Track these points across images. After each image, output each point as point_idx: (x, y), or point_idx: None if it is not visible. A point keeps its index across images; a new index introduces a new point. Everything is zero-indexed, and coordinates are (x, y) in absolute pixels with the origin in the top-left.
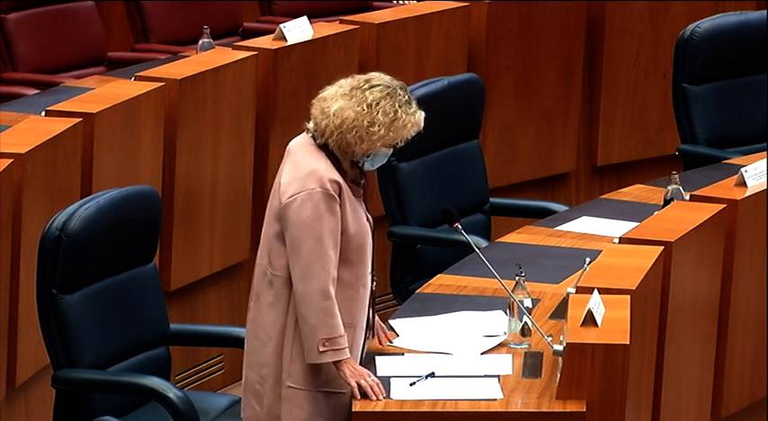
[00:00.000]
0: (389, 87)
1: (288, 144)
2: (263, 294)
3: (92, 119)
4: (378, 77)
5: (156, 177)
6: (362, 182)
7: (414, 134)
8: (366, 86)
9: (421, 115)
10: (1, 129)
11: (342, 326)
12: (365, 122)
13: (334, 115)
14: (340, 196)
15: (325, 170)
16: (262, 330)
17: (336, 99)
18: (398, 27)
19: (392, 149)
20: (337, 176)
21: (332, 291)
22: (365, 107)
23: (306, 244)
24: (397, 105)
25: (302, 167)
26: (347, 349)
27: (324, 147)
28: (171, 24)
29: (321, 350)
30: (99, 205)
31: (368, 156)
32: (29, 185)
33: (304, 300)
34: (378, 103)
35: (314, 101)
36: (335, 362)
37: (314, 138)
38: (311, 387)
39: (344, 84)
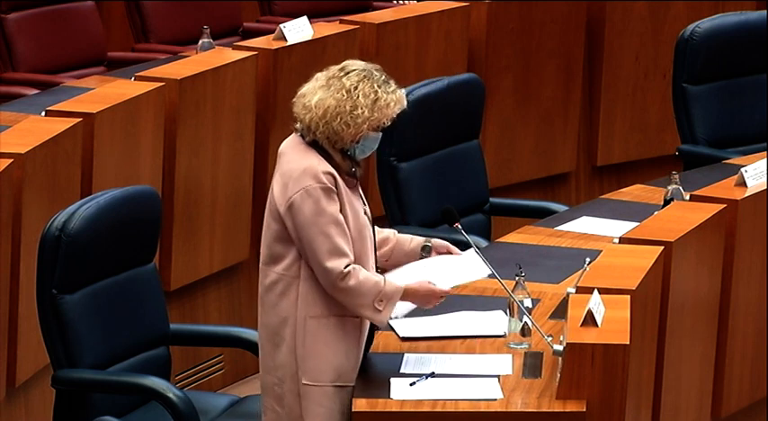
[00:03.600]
0: (365, 70)
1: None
2: (266, 296)
3: (92, 119)
4: (352, 64)
5: (156, 177)
6: (355, 171)
7: (398, 112)
8: (342, 74)
9: (402, 93)
10: (1, 129)
11: (373, 277)
12: (347, 107)
13: (315, 107)
14: (336, 187)
15: (318, 164)
16: (272, 332)
17: (315, 92)
18: (398, 27)
19: (381, 133)
20: (331, 169)
21: (352, 269)
22: (344, 93)
23: (315, 240)
24: (375, 86)
25: (295, 167)
26: (395, 287)
27: (313, 144)
28: (171, 24)
29: (380, 309)
30: (99, 205)
31: (357, 143)
32: (29, 185)
33: (335, 293)
34: (356, 87)
35: (294, 99)
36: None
37: (303, 137)
38: (325, 381)
39: (321, 76)
